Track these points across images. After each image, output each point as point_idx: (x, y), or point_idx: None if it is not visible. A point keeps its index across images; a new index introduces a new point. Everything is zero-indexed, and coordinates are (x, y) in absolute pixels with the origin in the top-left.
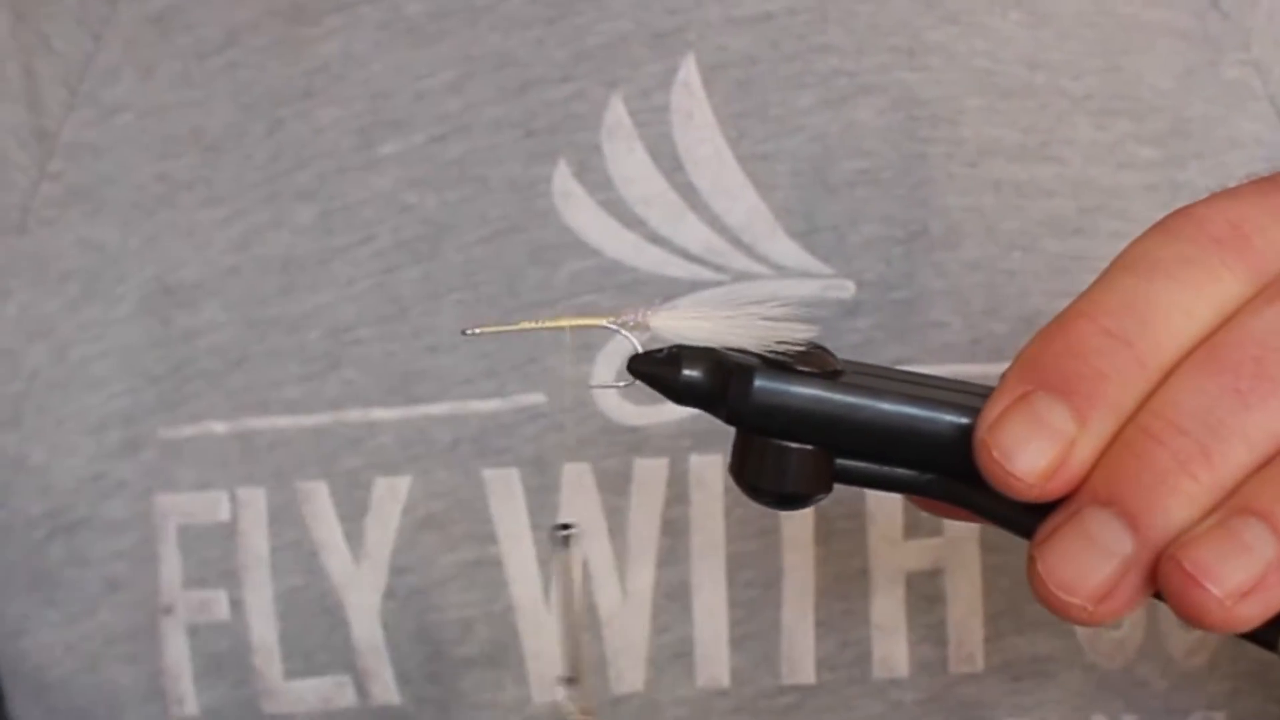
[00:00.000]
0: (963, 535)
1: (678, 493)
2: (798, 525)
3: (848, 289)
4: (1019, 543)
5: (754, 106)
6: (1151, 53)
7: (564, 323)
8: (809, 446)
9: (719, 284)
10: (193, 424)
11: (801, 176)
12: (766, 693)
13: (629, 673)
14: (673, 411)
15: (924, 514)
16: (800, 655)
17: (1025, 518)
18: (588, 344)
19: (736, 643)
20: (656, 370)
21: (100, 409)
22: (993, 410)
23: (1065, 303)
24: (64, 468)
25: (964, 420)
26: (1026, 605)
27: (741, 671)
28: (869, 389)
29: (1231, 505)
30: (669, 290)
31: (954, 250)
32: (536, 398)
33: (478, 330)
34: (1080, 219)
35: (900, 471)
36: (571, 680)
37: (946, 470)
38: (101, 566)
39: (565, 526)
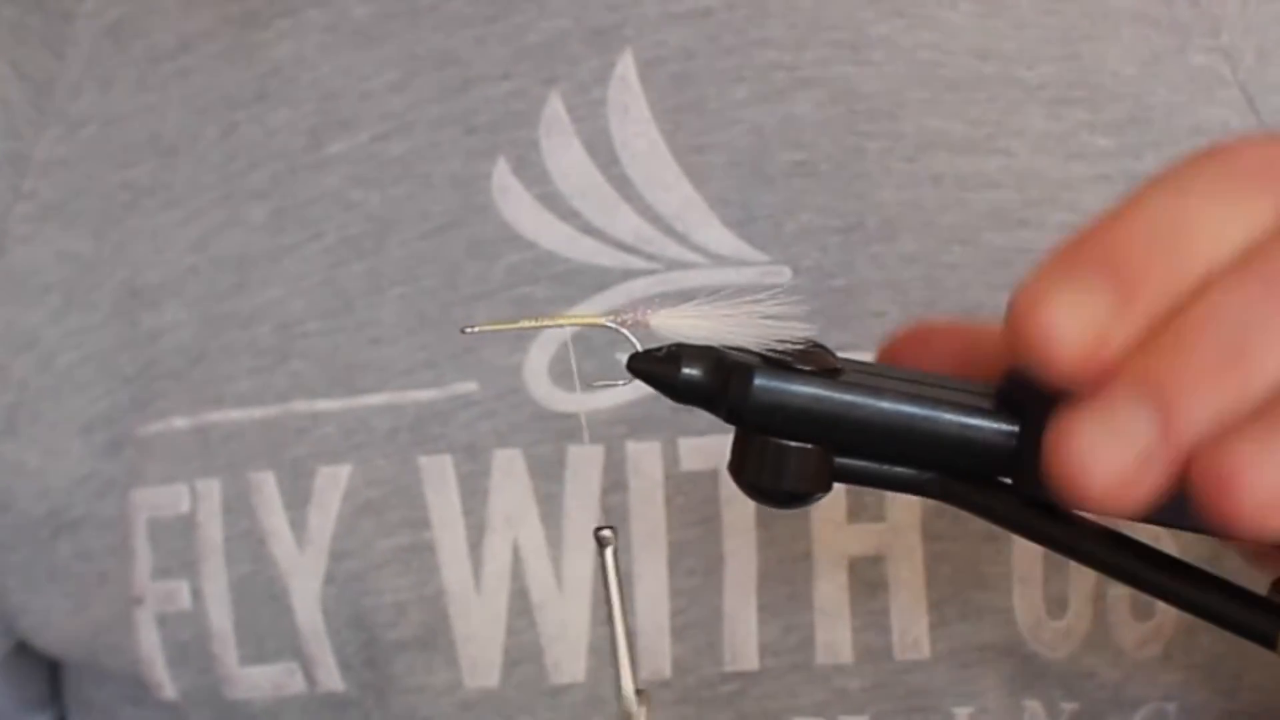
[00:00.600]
0: (905, 522)
1: (615, 480)
2: (739, 510)
3: (784, 275)
4: (961, 530)
5: (691, 100)
6: (1115, 39)
7: (563, 321)
8: (808, 445)
9: (651, 273)
10: (160, 420)
11: (738, 168)
12: (709, 681)
13: (567, 662)
14: (607, 398)
15: (867, 498)
16: (742, 641)
17: (1026, 517)
18: (526, 335)
19: (678, 632)
20: (656, 369)
21: (86, 412)
22: (1036, 283)
23: (1006, 295)
24: (59, 470)
25: (964, 419)
26: (970, 592)
27: (683, 660)
28: (868, 387)
29: (1266, 409)
30: (601, 280)
31: (891, 243)
32: (470, 386)
33: (475, 328)
34: (1025, 211)
35: (900, 470)
36: (641, 692)
37: (946, 469)
38: (99, 561)
39: (601, 529)
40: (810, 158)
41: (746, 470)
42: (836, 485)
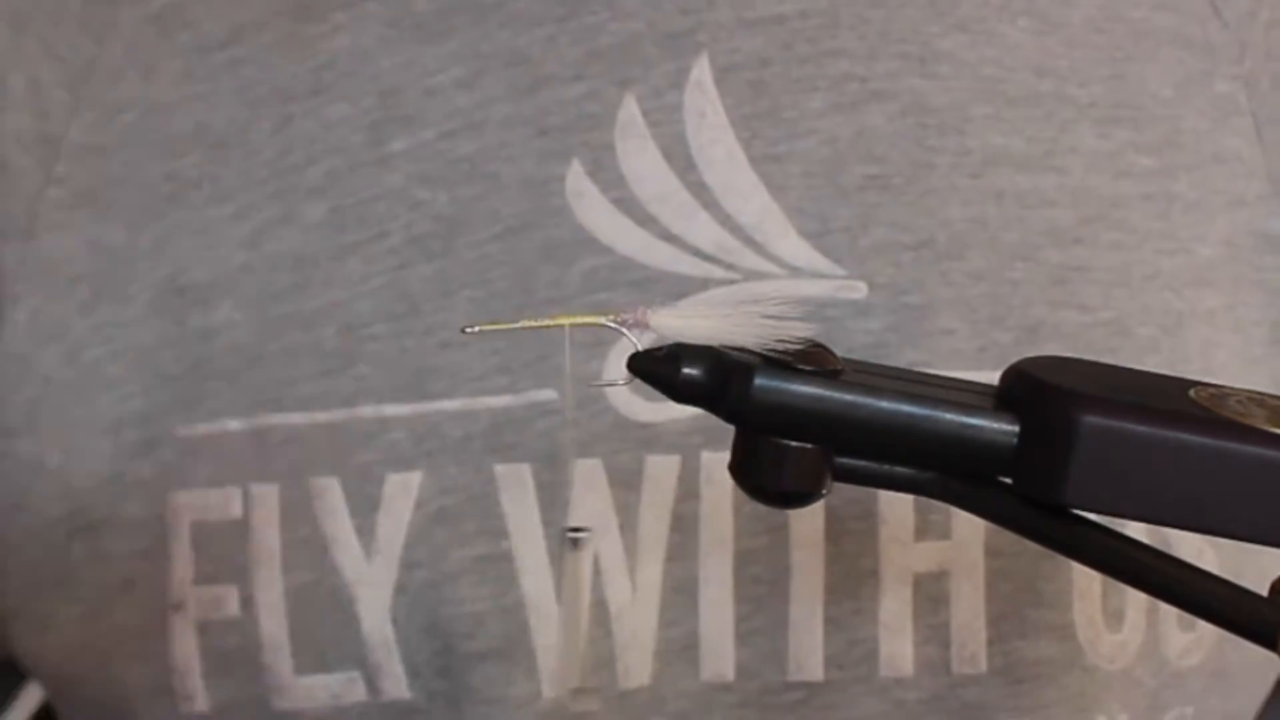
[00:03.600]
0: (968, 539)
1: (689, 489)
2: (808, 523)
3: (860, 290)
4: (1022, 547)
5: (766, 108)
6: (1155, 60)
7: (564, 321)
8: (809, 445)
9: (731, 282)
10: (209, 422)
11: (813, 178)
12: (772, 688)
13: (636, 667)
14: (685, 408)
15: (932, 516)
16: (808, 652)
17: (1026, 517)
18: (600, 340)
19: (742, 638)
20: (656, 368)
21: (115, 410)
22: None
23: (1067, 313)
24: (82, 469)
25: (964, 419)
26: (1028, 609)
27: (747, 666)
28: (869, 387)
29: None
30: (681, 288)
31: (959, 260)
32: (548, 394)
33: (476, 328)
34: (1080, 229)
35: (900, 470)
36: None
37: (946, 469)
38: (119, 565)
39: (577, 530)
40: (883, 171)
41: (747, 470)
42: (905, 503)
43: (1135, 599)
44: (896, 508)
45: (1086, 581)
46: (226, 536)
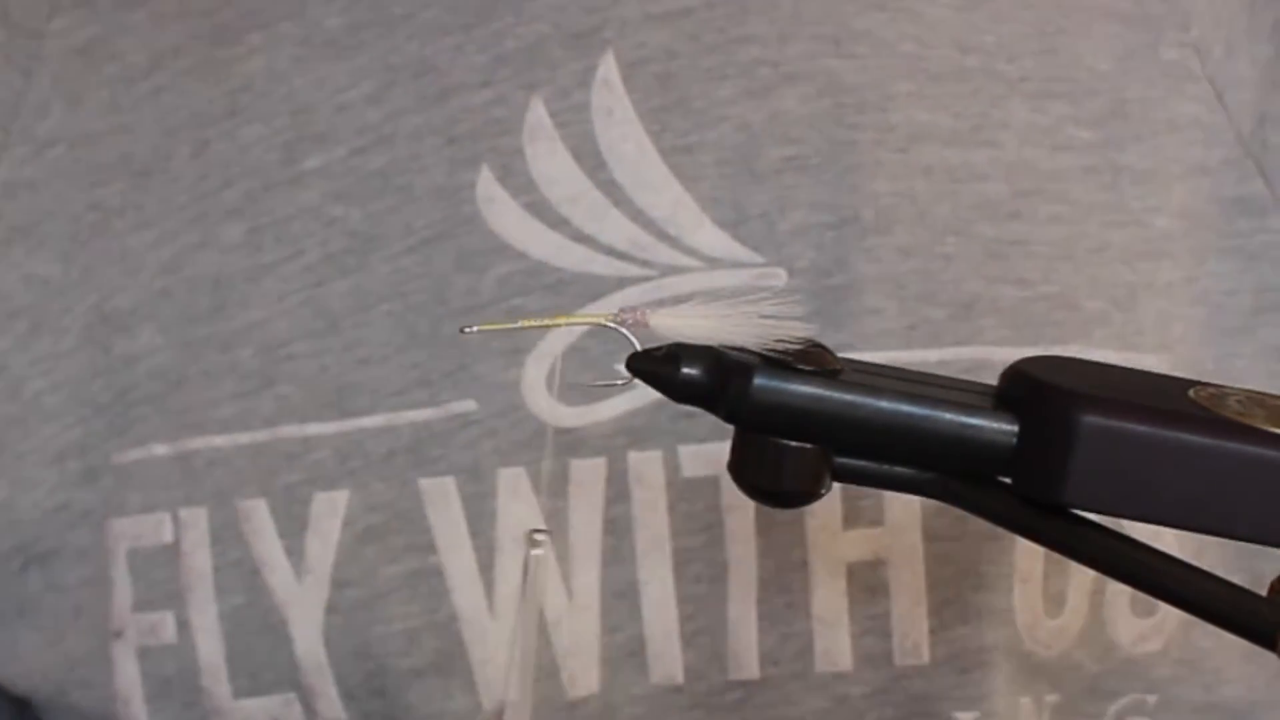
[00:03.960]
0: (905, 525)
1: (618, 491)
2: (740, 518)
3: (780, 277)
4: (963, 530)
5: (675, 100)
6: (1088, 35)
7: (561, 321)
8: (808, 445)
9: (646, 279)
10: (139, 448)
11: (727, 166)
12: (716, 689)
13: (582, 675)
14: (606, 410)
15: (863, 503)
16: (744, 649)
17: (1026, 517)
18: (517, 348)
19: (688, 639)
20: (655, 369)
21: (57, 440)
22: None
23: (1004, 288)
24: (29, 500)
25: (964, 419)
26: (970, 594)
27: (694, 667)
28: (868, 387)
29: None
30: (596, 289)
31: (886, 236)
32: (468, 405)
33: (475, 329)
34: (1016, 202)
35: (899, 470)
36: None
37: (946, 469)
38: (72, 594)
39: (539, 532)
40: (800, 152)
41: (746, 470)
42: (833, 492)
43: (1079, 582)
44: (824, 497)
45: (1029, 564)
46: (160, 562)
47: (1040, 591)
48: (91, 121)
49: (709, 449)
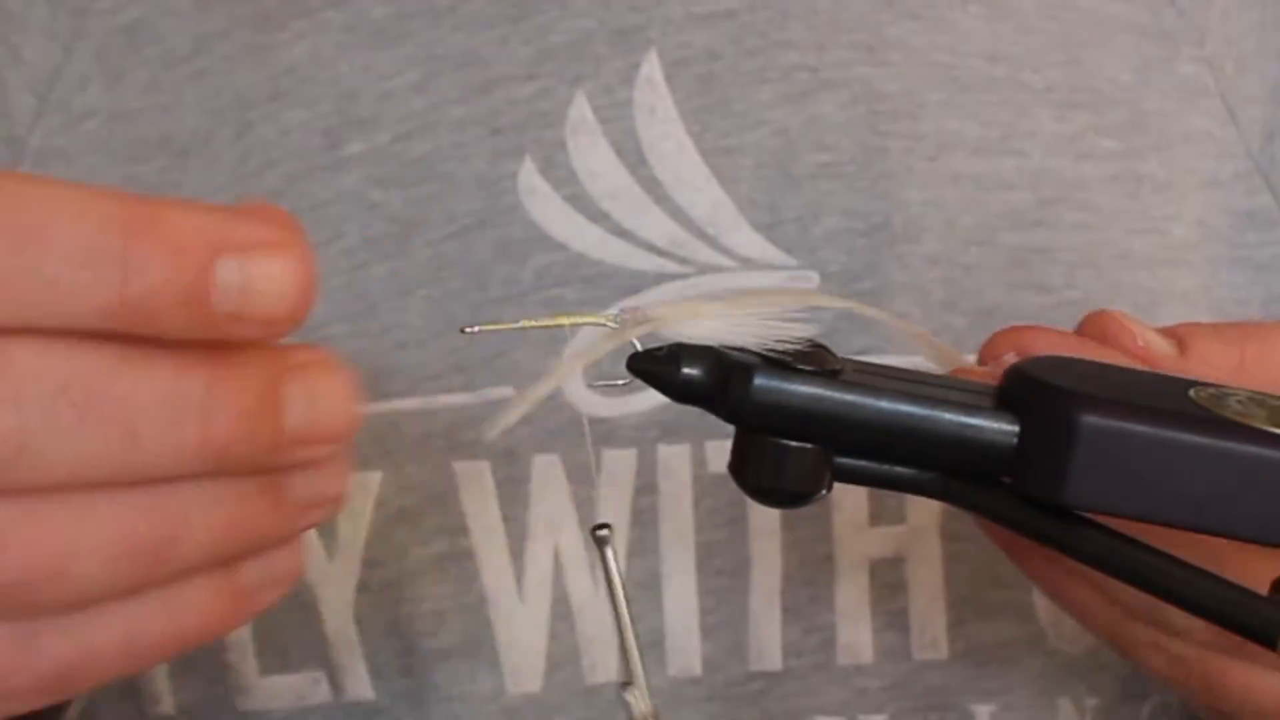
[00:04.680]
0: (924, 524)
1: (646, 483)
2: (765, 513)
3: (812, 280)
4: (980, 531)
5: (716, 101)
6: (1109, 47)
7: (563, 321)
8: (808, 445)
9: (684, 276)
10: None
11: (764, 169)
12: (736, 680)
13: (601, 663)
14: (640, 402)
15: (888, 501)
16: (767, 641)
17: (1026, 517)
18: (554, 336)
19: (707, 631)
20: (656, 368)
21: None
22: None
23: (1025, 295)
24: None
25: (964, 419)
26: (988, 590)
27: (713, 659)
28: (868, 387)
29: None
30: (634, 283)
31: (915, 243)
32: (505, 391)
33: (476, 328)
34: (1040, 211)
35: (900, 470)
36: (626, 684)
37: (946, 469)
38: None
39: (601, 527)
40: (835, 159)
41: (747, 470)
42: (858, 489)
43: None
44: (851, 494)
45: None
46: None
47: None
48: (132, 99)
49: None
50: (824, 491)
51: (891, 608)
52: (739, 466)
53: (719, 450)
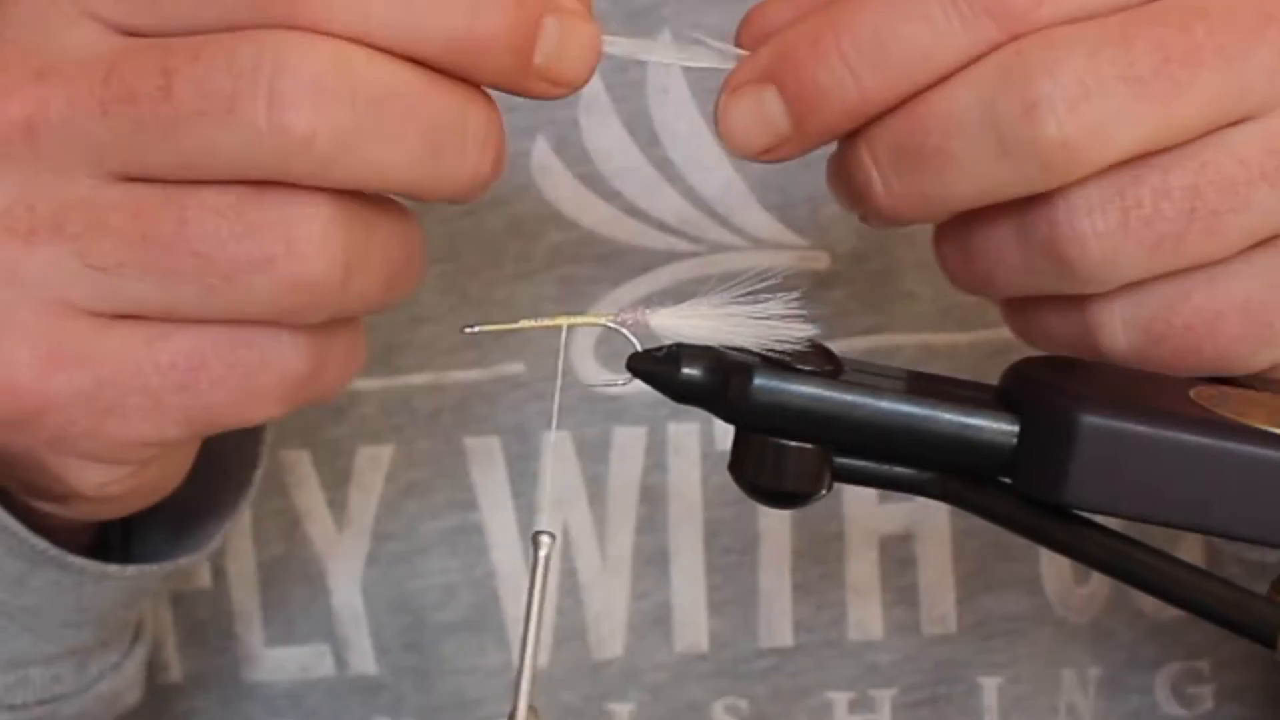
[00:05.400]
0: (933, 501)
1: (656, 460)
2: None
3: (822, 260)
4: None
5: None
6: None
7: (562, 321)
8: (808, 444)
9: (695, 255)
10: None
11: None
12: (745, 656)
13: (609, 639)
14: None
15: None
16: (778, 618)
17: (1026, 517)
18: (573, 309)
19: (715, 608)
20: (656, 368)
21: None
22: (735, 79)
23: None
24: None
25: (964, 419)
26: (996, 564)
27: (720, 635)
28: (868, 387)
29: None
30: (645, 261)
31: (923, 224)
32: (516, 367)
33: (476, 328)
34: None
35: (899, 470)
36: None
37: (946, 469)
38: None
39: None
40: None
41: (746, 470)
42: None
43: None
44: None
45: None
46: None
47: (1067, 560)
48: None
49: None
50: (824, 491)
51: (901, 583)
52: (739, 466)
53: (727, 429)
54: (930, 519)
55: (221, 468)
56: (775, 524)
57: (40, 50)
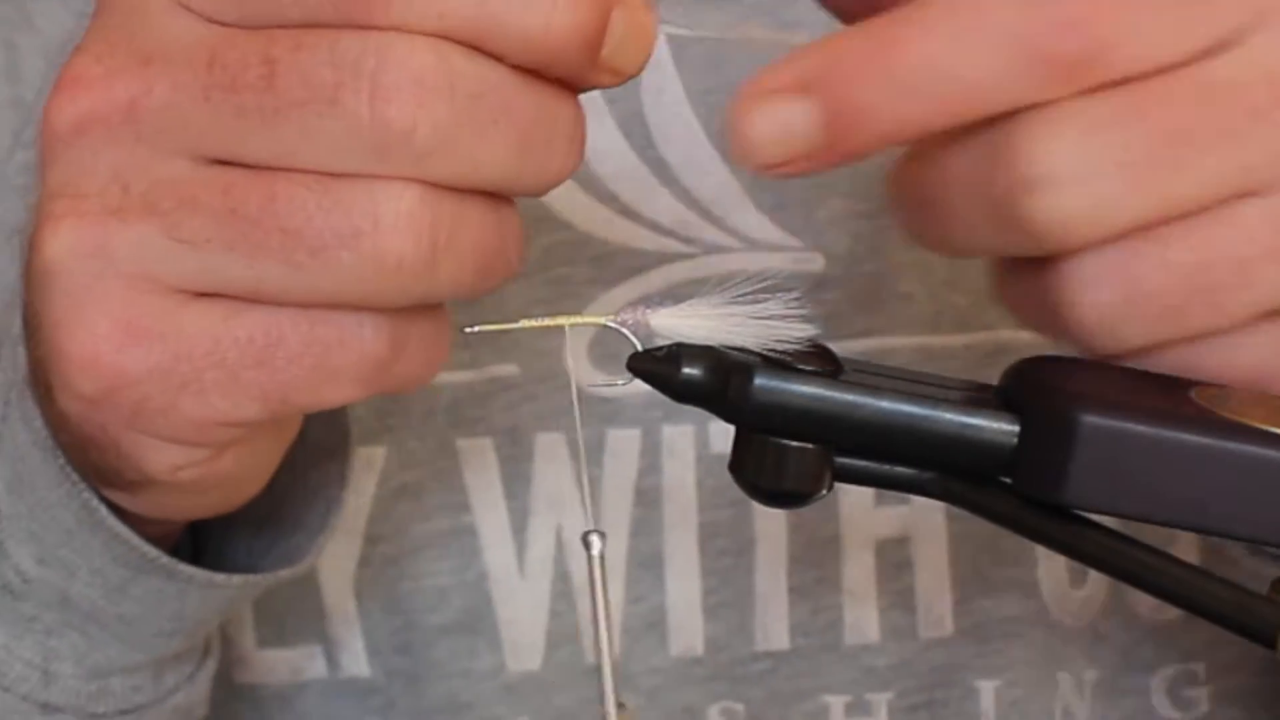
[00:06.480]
0: (930, 503)
1: (650, 463)
2: None
3: (817, 262)
4: None
5: (724, 83)
6: None
7: (563, 321)
8: (809, 445)
9: (689, 257)
10: None
11: None
12: (740, 659)
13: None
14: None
15: None
16: (773, 622)
17: (1026, 517)
18: (565, 311)
19: (710, 611)
20: (656, 368)
21: None
22: (766, 83)
23: None
24: None
25: (964, 419)
26: (992, 568)
27: (715, 638)
28: (868, 387)
29: None
30: (640, 263)
31: None
32: (509, 369)
33: (477, 328)
34: None
35: (900, 470)
36: (622, 706)
37: (946, 469)
38: None
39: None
40: None
41: (746, 470)
42: None
43: None
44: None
45: None
46: None
47: (1064, 563)
48: None
49: None
50: (824, 491)
51: (898, 586)
52: (738, 466)
53: (722, 431)
54: (926, 522)
55: (306, 483)
56: (771, 527)
57: (142, 37)
